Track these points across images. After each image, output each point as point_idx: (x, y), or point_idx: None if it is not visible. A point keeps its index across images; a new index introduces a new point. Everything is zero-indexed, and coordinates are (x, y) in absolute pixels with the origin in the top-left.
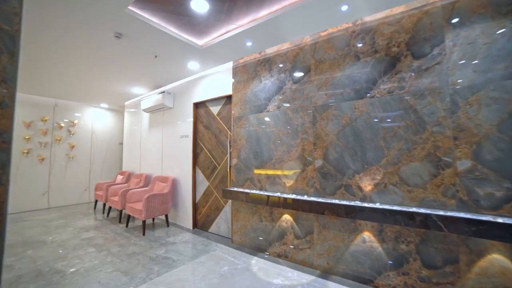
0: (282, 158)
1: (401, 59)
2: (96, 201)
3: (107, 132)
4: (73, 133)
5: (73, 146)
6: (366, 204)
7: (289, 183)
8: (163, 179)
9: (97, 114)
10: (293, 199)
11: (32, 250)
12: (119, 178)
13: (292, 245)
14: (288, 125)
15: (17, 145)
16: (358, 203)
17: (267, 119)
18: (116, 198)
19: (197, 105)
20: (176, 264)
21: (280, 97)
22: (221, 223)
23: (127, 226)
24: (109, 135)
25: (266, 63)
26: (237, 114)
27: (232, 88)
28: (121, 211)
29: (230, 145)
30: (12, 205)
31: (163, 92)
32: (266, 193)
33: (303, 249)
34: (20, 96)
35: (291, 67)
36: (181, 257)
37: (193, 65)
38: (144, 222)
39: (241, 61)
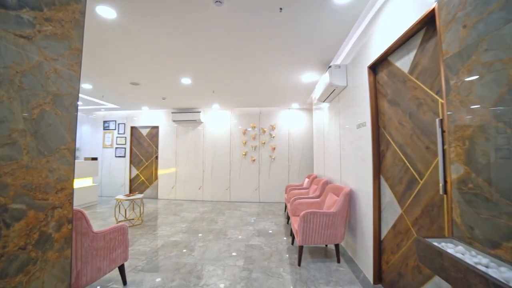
0: None
1: None
2: (285, 204)
3: (301, 133)
4: (274, 136)
5: (274, 148)
6: None
7: None
8: (336, 190)
9: (291, 116)
10: None
11: (213, 241)
12: (306, 181)
13: None
14: None
15: (239, 149)
16: None
17: None
18: (289, 206)
19: (374, 69)
20: None
21: None
22: None
23: (292, 243)
24: (304, 135)
25: None
26: (455, 48)
27: None
28: None
29: (443, 131)
30: (237, 194)
31: (330, 67)
32: None
33: None
34: (239, 110)
35: None
36: None
37: None
38: (301, 248)
39: None
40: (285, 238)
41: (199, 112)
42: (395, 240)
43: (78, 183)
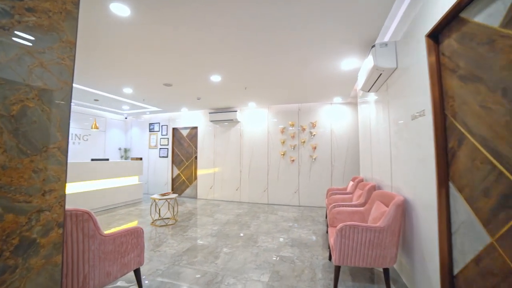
0: None
1: None
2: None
3: (346, 130)
4: (314, 134)
5: (314, 147)
6: None
7: None
8: (385, 198)
9: (333, 111)
10: None
11: (240, 249)
12: (350, 185)
13: None
14: None
15: (278, 148)
16: None
17: None
18: (328, 213)
19: (435, 37)
20: None
21: None
22: None
23: (329, 259)
24: (349, 133)
25: None
26: None
27: None
28: None
29: None
30: (275, 197)
31: (373, 46)
32: None
33: None
34: (276, 107)
35: None
36: None
37: None
38: (337, 269)
39: None
40: (321, 251)
41: (236, 111)
42: (483, 282)
43: (125, 181)
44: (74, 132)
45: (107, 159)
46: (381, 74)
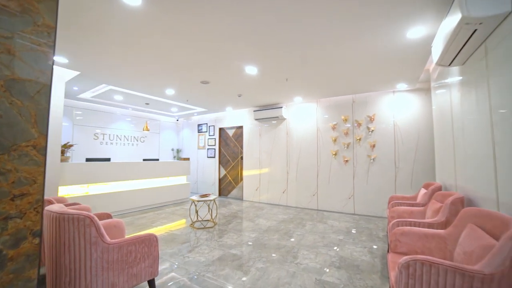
0: None
1: None
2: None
3: (414, 123)
4: (372, 130)
5: (373, 145)
6: None
7: None
8: (490, 222)
9: (397, 102)
10: None
11: (276, 264)
12: (421, 193)
13: None
14: None
15: (328, 147)
16: None
17: None
18: (389, 232)
19: None
20: None
21: None
22: None
23: None
24: (418, 127)
25: None
26: None
27: None
28: None
29: None
30: (325, 202)
31: None
32: None
33: None
34: (326, 100)
35: None
36: None
37: None
38: None
39: None
40: (379, 281)
41: (281, 107)
42: None
43: (173, 180)
44: (133, 134)
45: (157, 159)
46: (475, 31)
